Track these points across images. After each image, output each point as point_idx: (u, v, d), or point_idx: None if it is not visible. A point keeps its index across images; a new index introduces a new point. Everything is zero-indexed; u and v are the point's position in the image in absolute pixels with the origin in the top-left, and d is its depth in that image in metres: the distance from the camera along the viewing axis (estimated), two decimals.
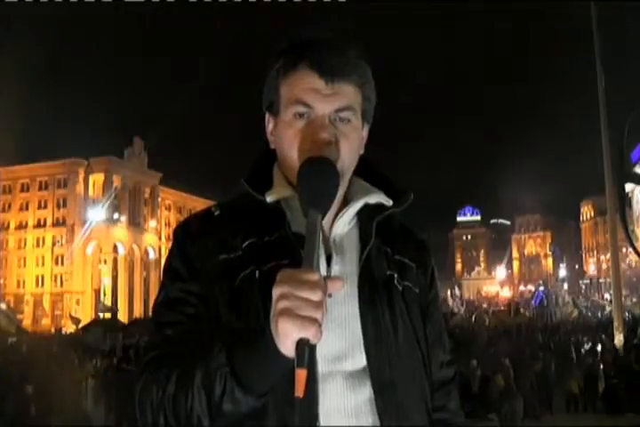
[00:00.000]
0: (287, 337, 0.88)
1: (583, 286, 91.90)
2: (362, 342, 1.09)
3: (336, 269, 1.13)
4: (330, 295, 1.02)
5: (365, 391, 1.08)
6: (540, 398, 12.14)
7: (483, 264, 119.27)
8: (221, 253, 1.12)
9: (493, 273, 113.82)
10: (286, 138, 1.13)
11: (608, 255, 40.11)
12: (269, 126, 1.19)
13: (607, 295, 57.32)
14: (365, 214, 1.19)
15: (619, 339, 16.66)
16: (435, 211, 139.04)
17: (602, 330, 20.76)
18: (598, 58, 17.92)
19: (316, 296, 0.89)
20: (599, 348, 16.25)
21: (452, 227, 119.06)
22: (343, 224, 1.18)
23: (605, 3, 19.43)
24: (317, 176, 1.01)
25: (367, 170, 1.24)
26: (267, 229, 1.13)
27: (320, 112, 1.10)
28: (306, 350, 0.88)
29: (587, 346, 16.70)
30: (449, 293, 67.46)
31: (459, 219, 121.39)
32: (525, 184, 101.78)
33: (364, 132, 1.21)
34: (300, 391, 0.86)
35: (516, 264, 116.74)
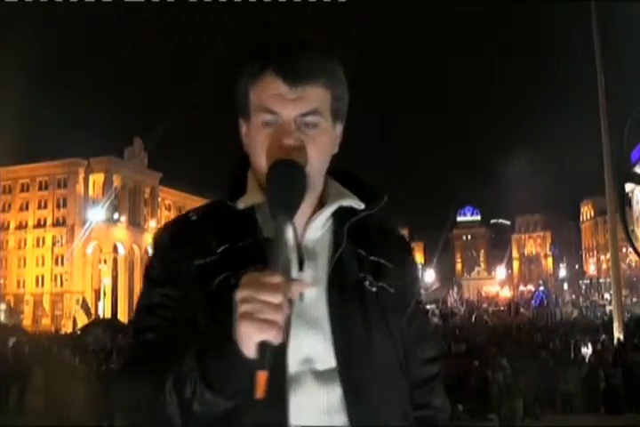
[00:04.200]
0: (249, 340, 0.91)
1: (583, 286, 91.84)
2: (332, 344, 1.11)
3: (308, 273, 1.14)
4: (301, 298, 1.06)
5: (337, 391, 1.09)
6: (540, 398, 12.13)
7: (483, 264, 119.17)
8: (197, 259, 1.14)
9: (493, 273, 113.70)
10: (255, 144, 1.14)
11: (608, 255, 40.10)
12: (242, 130, 1.21)
13: (607, 295, 57.28)
14: (339, 218, 1.20)
15: (619, 339, 16.66)
16: (435, 211, 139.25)
17: (602, 330, 20.74)
18: (598, 58, 17.93)
19: (276, 299, 0.91)
20: (599, 348, 16.23)
21: (452, 227, 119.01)
22: (316, 228, 1.19)
23: (605, 3, 19.45)
24: (284, 179, 1.03)
25: (343, 172, 1.25)
26: (241, 234, 1.15)
27: (286, 117, 1.11)
28: (267, 352, 0.90)
29: (587, 346, 16.68)
30: (449, 293, 67.34)
31: (459, 219, 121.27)
32: (525, 184, 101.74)
33: (337, 131, 1.21)
34: (260, 393, 0.89)
35: (516, 264, 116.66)
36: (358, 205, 1.21)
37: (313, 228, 1.18)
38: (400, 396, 1.17)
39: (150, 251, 1.23)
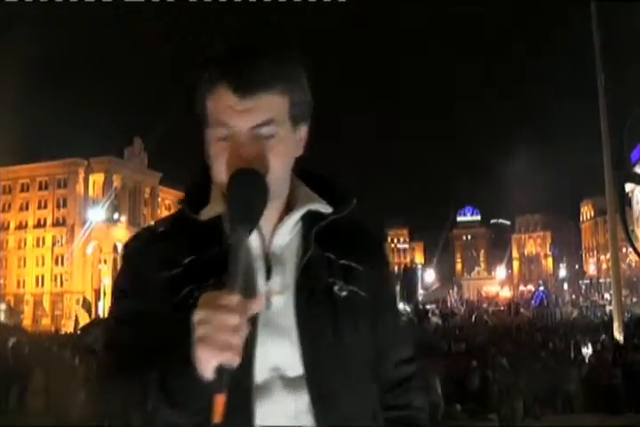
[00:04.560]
0: (206, 363, 0.91)
1: (583, 286, 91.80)
2: (300, 352, 1.10)
3: (276, 280, 1.13)
4: (269, 306, 1.09)
5: (305, 397, 1.09)
6: (540, 398, 12.13)
7: (483, 264, 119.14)
8: (164, 270, 1.12)
9: (493, 273, 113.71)
10: (214, 155, 1.13)
11: (608, 255, 40.09)
12: (205, 138, 1.18)
13: (607, 295, 57.28)
14: (308, 222, 1.19)
15: (619, 339, 16.67)
16: (435, 211, 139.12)
17: (602, 330, 20.73)
18: (598, 58, 17.93)
19: (232, 320, 0.91)
20: (599, 348, 16.24)
21: (452, 227, 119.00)
22: (283, 234, 1.17)
23: (605, 3, 19.44)
24: (244, 190, 1.02)
25: (313, 175, 1.24)
26: (207, 244, 1.13)
27: (240, 129, 1.09)
28: (224, 375, 0.90)
29: (587, 346, 16.70)
30: (449, 293, 67.39)
31: (459, 219, 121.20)
32: (525, 184, 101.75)
33: (300, 134, 1.18)
34: (217, 418, 0.89)
35: (516, 264, 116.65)
36: (326, 209, 1.20)
37: (280, 234, 1.17)
38: (369, 399, 1.17)
39: (119, 263, 1.23)
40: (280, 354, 1.10)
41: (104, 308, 59.65)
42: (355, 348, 1.14)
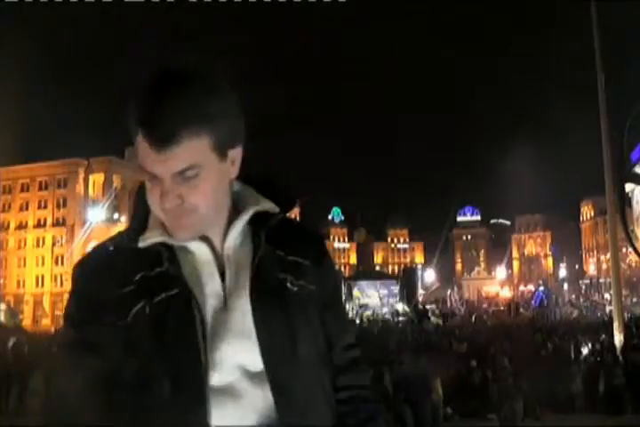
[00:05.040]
0: None
1: (583, 286, 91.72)
2: (259, 349, 1.14)
3: (231, 283, 1.17)
4: (226, 308, 1.14)
5: (268, 391, 1.14)
6: (540, 398, 12.12)
7: (483, 264, 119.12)
8: (116, 289, 1.13)
9: (493, 273, 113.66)
10: (147, 188, 1.15)
11: (608, 255, 40.09)
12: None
13: (607, 295, 57.29)
14: (257, 223, 1.22)
15: (619, 339, 16.66)
16: (435, 211, 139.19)
17: (602, 330, 20.73)
18: (598, 58, 17.91)
19: None
20: (599, 348, 16.23)
21: (452, 227, 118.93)
22: (234, 238, 1.20)
23: (605, 3, 19.44)
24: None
25: (258, 177, 1.27)
26: (156, 261, 1.15)
27: (160, 176, 1.10)
28: None
29: (587, 346, 16.69)
30: (449, 293, 67.35)
31: (459, 219, 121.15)
32: (525, 184, 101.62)
33: (230, 158, 1.16)
34: None
35: (516, 264, 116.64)
36: (273, 209, 1.23)
37: (231, 237, 1.20)
38: (323, 385, 1.22)
39: (70, 285, 1.23)
40: (243, 352, 1.14)
41: None
42: (308, 339, 1.20)
